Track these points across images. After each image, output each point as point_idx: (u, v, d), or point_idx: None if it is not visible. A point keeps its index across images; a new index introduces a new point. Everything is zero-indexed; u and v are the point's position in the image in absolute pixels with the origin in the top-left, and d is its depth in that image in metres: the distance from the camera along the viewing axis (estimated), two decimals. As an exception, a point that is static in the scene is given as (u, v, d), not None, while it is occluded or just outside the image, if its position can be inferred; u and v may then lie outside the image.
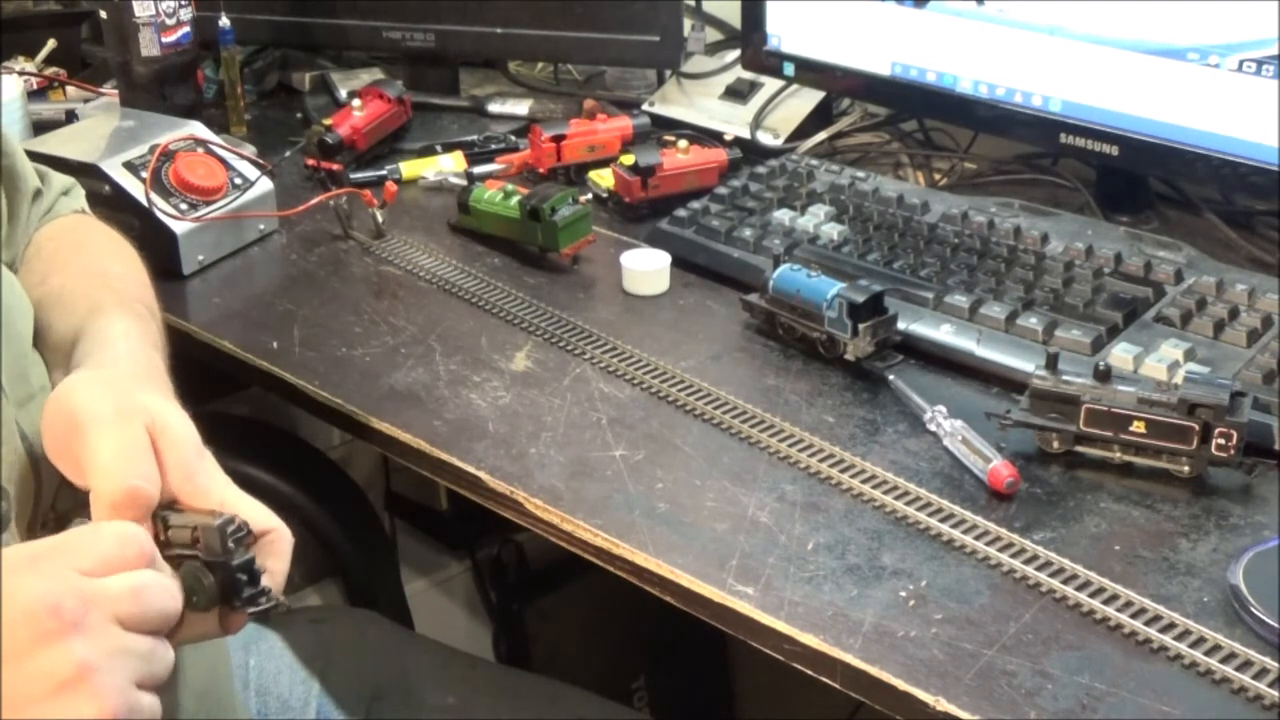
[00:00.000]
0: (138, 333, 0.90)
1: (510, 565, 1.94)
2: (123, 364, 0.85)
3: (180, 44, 1.51)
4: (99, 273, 0.99)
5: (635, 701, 1.96)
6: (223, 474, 0.79)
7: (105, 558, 0.69)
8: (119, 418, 0.76)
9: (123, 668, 0.67)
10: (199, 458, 0.78)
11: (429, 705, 1.20)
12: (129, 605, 0.68)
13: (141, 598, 0.69)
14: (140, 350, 0.88)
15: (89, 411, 0.76)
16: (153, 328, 0.94)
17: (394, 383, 1.12)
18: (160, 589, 0.70)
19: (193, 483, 0.77)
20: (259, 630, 1.23)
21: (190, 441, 0.78)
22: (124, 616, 0.68)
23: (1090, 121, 1.29)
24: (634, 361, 1.13)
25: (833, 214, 1.31)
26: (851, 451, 1.01)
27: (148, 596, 0.69)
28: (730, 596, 0.88)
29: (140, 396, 0.79)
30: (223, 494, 0.78)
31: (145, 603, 0.69)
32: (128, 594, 0.68)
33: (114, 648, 0.67)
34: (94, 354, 0.86)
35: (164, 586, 0.71)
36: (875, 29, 1.42)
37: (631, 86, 1.77)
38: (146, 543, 0.71)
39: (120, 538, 0.70)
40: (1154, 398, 0.96)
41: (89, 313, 0.91)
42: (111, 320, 0.90)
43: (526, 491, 0.99)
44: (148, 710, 0.68)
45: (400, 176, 1.48)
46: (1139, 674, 0.81)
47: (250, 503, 0.79)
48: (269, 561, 0.77)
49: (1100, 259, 1.20)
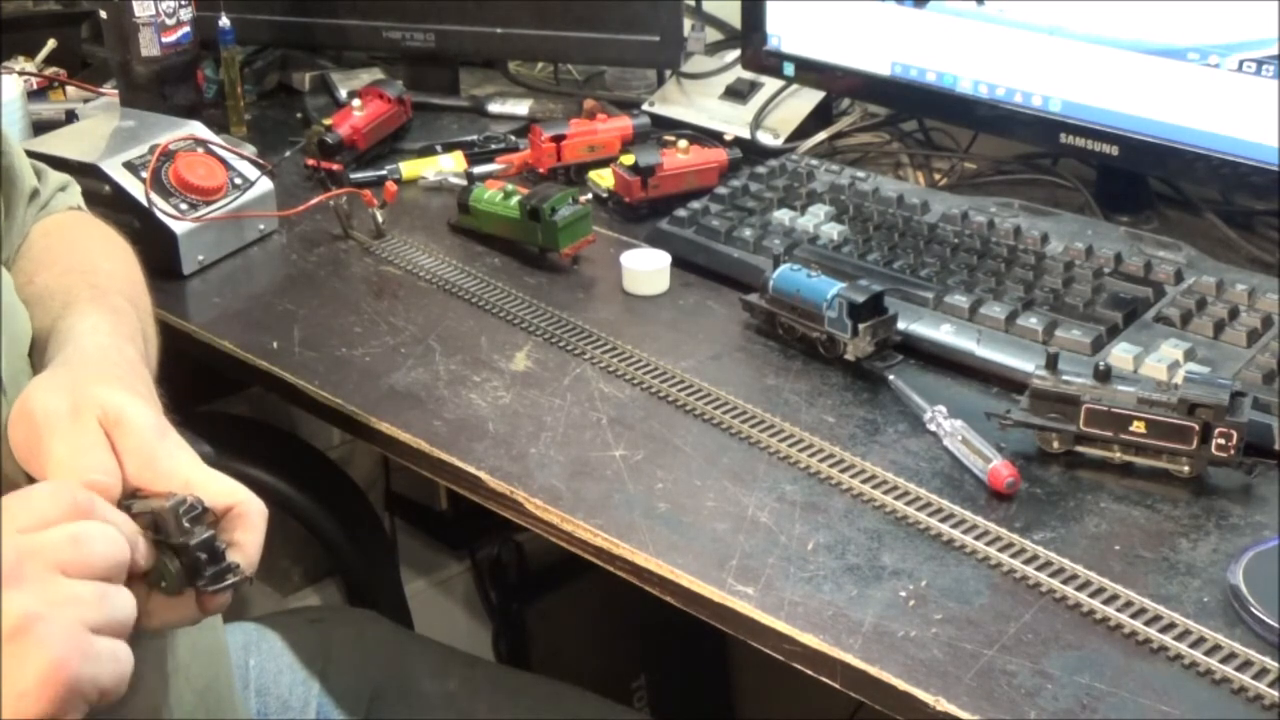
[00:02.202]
0: (108, 326, 0.89)
1: (510, 565, 1.94)
2: (86, 359, 0.85)
3: (180, 44, 1.51)
4: (83, 269, 0.98)
5: (635, 701, 1.96)
6: (188, 454, 0.79)
7: (40, 515, 0.69)
8: (72, 416, 0.76)
9: (70, 613, 0.66)
10: (159, 441, 0.78)
11: (429, 705, 1.20)
12: (68, 552, 0.67)
13: (80, 543, 0.68)
14: (109, 344, 0.87)
15: (44, 413, 0.77)
16: (131, 319, 0.93)
17: (394, 383, 1.12)
18: (100, 535, 0.69)
19: (153, 469, 0.76)
20: (259, 630, 1.23)
21: (147, 428, 0.78)
22: (64, 564, 0.67)
23: (1090, 121, 1.29)
24: (634, 361, 1.13)
25: (833, 214, 1.31)
26: (851, 451, 1.01)
27: (87, 542, 0.68)
28: (730, 596, 0.88)
29: (94, 390, 0.79)
30: (188, 475, 0.77)
31: (85, 548, 0.68)
32: (66, 541, 0.68)
33: (57, 595, 0.66)
34: (60, 352, 0.85)
35: (104, 532, 0.70)
36: (875, 29, 1.42)
37: (631, 86, 1.77)
38: (82, 496, 0.70)
39: (52, 494, 0.70)
40: (1154, 398, 0.96)
41: (63, 310, 0.91)
42: (82, 316, 0.90)
43: (526, 491, 0.99)
44: (109, 656, 0.67)
45: (400, 176, 1.48)
46: (1139, 674, 0.81)
47: (218, 479, 0.78)
48: (238, 535, 0.76)
49: (1100, 259, 1.20)
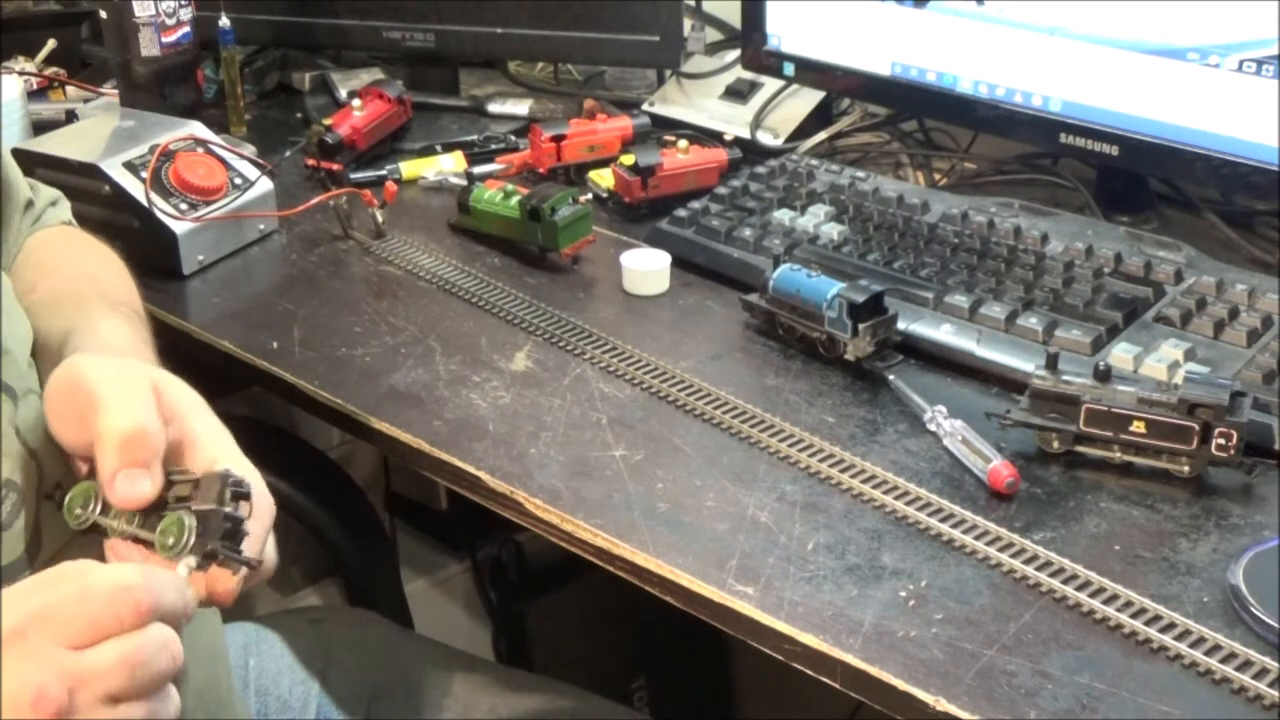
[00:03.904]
0: (127, 331, 0.91)
1: (510, 565, 1.94)
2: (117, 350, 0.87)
3: (180, 44, 1.51)
4: (87, 276, 0.99)
5: (635, 701, 1.96)
6: (225, 434, 0.80)
7: (96, 623, 0.65)
8: (124, 375, 0.78)
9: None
10: (198, 414, 0.79)
11: (429, 705, 1.20)
12: (120, 680, 0.64)
13: (134, 670, 0.64)
14: (129, 345, 0.89)
15: (95, 373, 0.78)
16: (141, 329, 0.95)
17: (394, 383, 1.12)
18: (156, 651, 0.66)
19: (191, 438, 0.78)
20: (259, 630, 1.23)
21: (189, 400, 0.80)
22: (115, 692, 0.64)
23: (1090, 121, 1.29)
24: (634, 361, 1.13)
25: (833, 214, 1.31)
26: (851, 451, 1.01)
27: (140, 668, 0.65)
28: (730, 596, 0.88)
29: (139, 363, 0.81)
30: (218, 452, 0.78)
31: (138, 675, 0.64)
32: (118, 668, 0.64)
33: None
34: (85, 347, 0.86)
35: (161, 647, 0.66)
36: (875, 29, 1.42)
37: (631, 86, 1.77)
38: (144, 594, 0.66)
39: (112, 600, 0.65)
40: (1154, 398, 0.96)
41: (77, 312, 0.92)
42: (101, 317, 0.91)
43: (526, 491, 0.99)
44: None
45: (400, 176, 1.48)
46: (1139, 674, 0.81)
47: (242, 464, 0.79)
48: (250, 524, 0.76)
49: (1100, 259, 1.20)
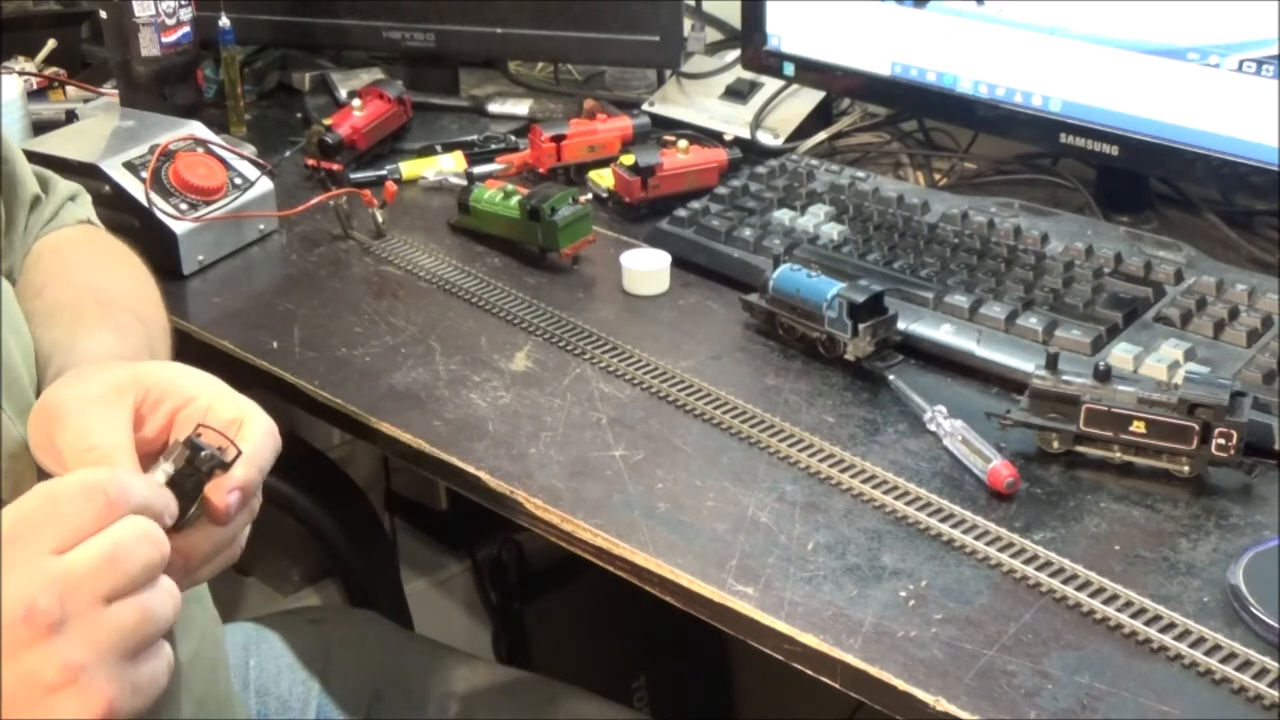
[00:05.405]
0: (115, 347, 0.89)
1: (510, 565, 1.94)
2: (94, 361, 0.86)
3: (180, 44, 1.51)
4: (92, 286, 0.97)
5: (635, 701, 1.96)
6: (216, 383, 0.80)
7: (70, 523, 0.65)
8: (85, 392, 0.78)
9: (115, 652, 0.64)
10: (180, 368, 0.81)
11: (429, 705, 1.20)
12: (108, 578, 0.65)
13: (119, 563, 0.65)
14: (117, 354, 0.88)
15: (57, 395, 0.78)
16: (138, 335, 0.92)
17: (394, 383, 1.12)
18: (138, 538, 0.66)
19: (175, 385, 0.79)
20: (259, 630, 1.23)
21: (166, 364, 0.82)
22: (105, 591, 0.65)
23: (1090, 121, 1.29)
24: (634, 361, 1.13)
25: (833, 214, 1.31)
26: (851, 451, 1.01)
27: (125, 559, 0.65)
28: (730, 596, 0.88)
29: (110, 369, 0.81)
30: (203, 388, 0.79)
31: (124, 567, 0.65)
32: (103, 565, 0.65)
33: (99, 634, 0.64)
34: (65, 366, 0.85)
35: (142, 534, 0.67)
36: (875, 29, 1.42)
37: (631, 86, 1.77)
38: (112, 487, 0.67)
39: (81, 494, 0.66)
40: (1154, 398, 0.96)
41: (69, 327, 0.90)
42: (88, 335, 0.89)
43: (526, 491, 0.99)
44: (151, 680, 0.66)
45: (400, 176, 1.48)
46: (1139, 674, 0.81)
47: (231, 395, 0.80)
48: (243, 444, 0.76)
49: (1100, 259, 1.20)
